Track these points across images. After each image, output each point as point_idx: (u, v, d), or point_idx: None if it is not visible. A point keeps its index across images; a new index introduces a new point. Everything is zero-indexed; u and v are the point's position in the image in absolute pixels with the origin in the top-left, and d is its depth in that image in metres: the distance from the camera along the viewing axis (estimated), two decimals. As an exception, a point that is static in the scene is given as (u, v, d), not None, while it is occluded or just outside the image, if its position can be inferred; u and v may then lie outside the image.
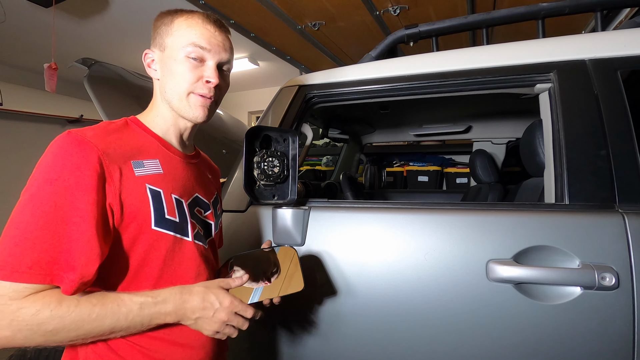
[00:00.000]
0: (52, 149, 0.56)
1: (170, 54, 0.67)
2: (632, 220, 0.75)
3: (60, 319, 0.51)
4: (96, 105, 1.16)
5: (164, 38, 0.68)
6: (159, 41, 0.69)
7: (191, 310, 0.61)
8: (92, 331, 0.54)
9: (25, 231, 0.51)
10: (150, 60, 0.71)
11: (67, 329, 0.52)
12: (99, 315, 0.54)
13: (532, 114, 2.00)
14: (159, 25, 0.69)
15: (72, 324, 0.52)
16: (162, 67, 0.69)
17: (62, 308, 0.52)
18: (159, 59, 0.70)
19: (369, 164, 2.85)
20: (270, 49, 3.24)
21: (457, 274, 0.84)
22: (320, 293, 0.95)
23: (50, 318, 0.51)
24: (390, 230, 0.91)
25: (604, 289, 0.74)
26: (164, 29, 0.69)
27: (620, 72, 0.87)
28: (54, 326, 0.51)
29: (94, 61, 1.28)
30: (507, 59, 0.97)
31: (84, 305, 0.53)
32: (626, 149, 0.81)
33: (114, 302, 0.56)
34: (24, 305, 0.50)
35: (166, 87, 0.69)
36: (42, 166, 0.55)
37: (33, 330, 0.50)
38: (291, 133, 0.94)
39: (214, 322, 0.62)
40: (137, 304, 0.57)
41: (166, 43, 0.68)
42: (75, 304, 0.53)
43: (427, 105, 1.95)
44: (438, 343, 0.85)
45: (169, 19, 0.69)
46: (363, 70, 1.12)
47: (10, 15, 2.84)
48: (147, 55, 0.71)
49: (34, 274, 0.51)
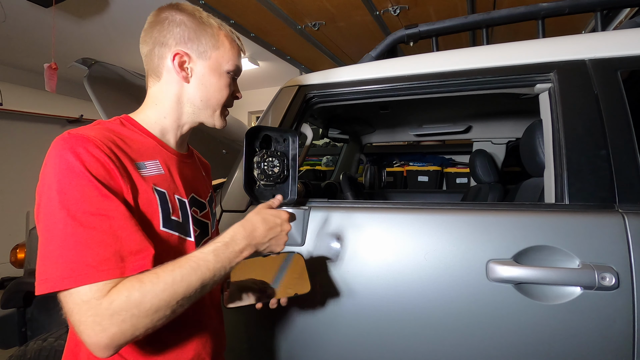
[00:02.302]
0: (59, 152, 0.54)
1: (215, 66, 0.69)
2: (632, 220, 0.75)
3: (152, 292, 0.51)
4: (96, 105, 1.17)
5: (209, 48, 0.69)
6: (201, 48, 0.68)
7: (262, 236, 0.65)
8: (187, 292, 0.54)
9: (76, 236, 0.50)
10: (183, 61, 0.68)
11: (164, 300, 0.52)
12: (184, 276, 0.54)
13: (532, 114, 2.00)
14: (201, 31, 0.68)
15: (164, 293, 0.52)
16: (197, 74, 0.69)
17: (146, 284, 0.52)
18: (197, 65, 0.69)
19: (369, 164, 2.85)
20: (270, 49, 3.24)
21: (457, 274, 0.84)
22: (320, 293, 0.95)
23: (142, 296, 0.51)
24: (390, 230, 0.91)
25: (604, 289, 0.74)
26: (209, 39, 0.69)
27: (620, 72, 0.87)
28: (150, 302, 0.51)
29: (94, 61, 1.28)
30: (507, 59, 0.97)
31: (164, 274, 0.53)
32: (626, 149, 0.81)
33: (188, 261, 0.56)
34: (113, 298, 0.50)
35: (197, 94, 0.70)
36: (56, 171, 0.52)
37: (135, 314, 0.50)
38: (291, 133, 0.94)
39: (283, 236, 0.70)
40: (209, 253, 0.58)
41: (211, 54, 0.69)
42: (155, 276, 0.53)
43: (427, 105, 1.96)
44: (438, 343, 0.85)
45: (213, 30, 0.69)
46: (363, 70, 1.12)
47: (10, 15, 2.84)
48: (181, 56, 0.67)
49: (107, 269, 0.50)
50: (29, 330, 1.55)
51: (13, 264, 1.57)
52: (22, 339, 1.53)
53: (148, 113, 0.71)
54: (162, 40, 0.67)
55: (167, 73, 0.69)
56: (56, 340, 1.21)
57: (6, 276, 3.81)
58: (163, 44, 0.67)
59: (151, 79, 0.71)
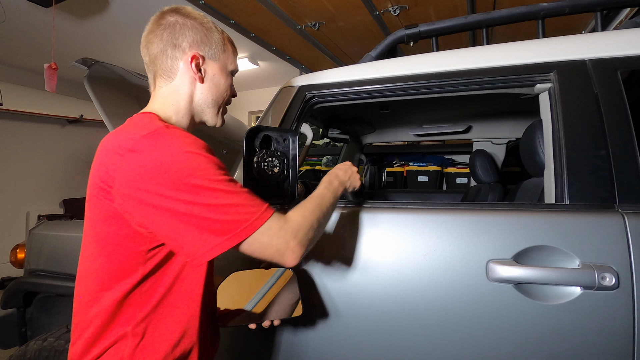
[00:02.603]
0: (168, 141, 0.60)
1: (222, 67, 0.77)
2: (632, 220, 0.75)
3: (307, 213, 0.69)
4: (96, 105, 1.16)
5: (218, 51, 0.75)
6: (212, 51, 0.74)
7: (344, 179, 0.88)
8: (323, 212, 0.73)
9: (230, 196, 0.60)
10: (199, 62, 0.73)
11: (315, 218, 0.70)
12: (319, 201, 0.74)
13: (532, 114, 2.00)
14: (212, 35, 0.74)
15: (314, 214, 0.70)
16: (209, 75, 0.75)
17: (300, 209, 0.70)
18: (209, 67, 0.75)
19: (369, 164, 2.85)
20: (270, 49, 3.24)
21: (457, 274, 0.84)
22: (320, 293, 0.95)
23: (304, 216, 0.68)
24: (390, 230, 0.91)
25: (604, 289, 0.74)
26: (217, 42, 0.75)
27: (620, 72, 0.87)
28: (310, 219, 0.68)
29: (94, 61, 1.28)
30: (507, 59, 0.97)
31: (306, 204, 0.72)
32: (626, 149, 0.81)
33: (315, 195, 0.77)
34: (292, 220, 0.66)
35: (209, 93, 0.76)
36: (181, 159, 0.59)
37: (308, 228, 0.67)
38: (291, 133, 0.94)
39: (355, 174, 0.92)
40: (323, 193, 0.78)
41: (219, 57, 0.76)
42: (299, 208, 0.71)
43: (427, 105, 1.95)
44: (438, 343, 0.85)
45: (219, 35, 0.76)
46: (363, 70, 1.12)
47: (10, 15, 2.84)
48: (197, 59, 0.73)
49: (268, 206, 0.65)
50: (29, 330, 1.55)
51: (13, 264, 1.57)
52: (22, 339, 1.53)
53: (169, 113, 0.74)
54: (174, 43, 0.71)
55: (181, 74, 0.73)
56: (56, 340, 1.21)
57: (6, 276, 3.82)
58: (176, 46, 0.71)
59: (162, 79, 0.74)
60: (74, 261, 1.33)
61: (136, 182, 0.58)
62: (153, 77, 0.75)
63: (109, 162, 0.61)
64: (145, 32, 0.73)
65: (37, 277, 1.41)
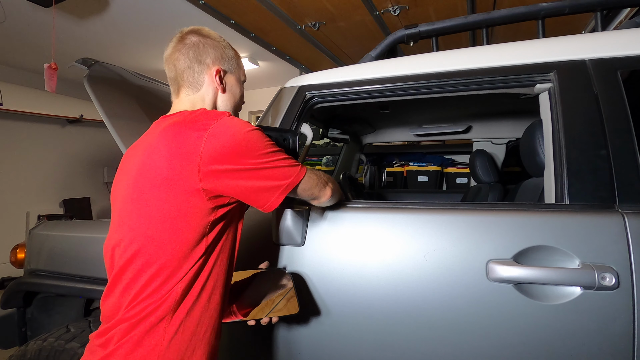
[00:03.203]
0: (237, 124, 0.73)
1: (238, 79, 0.92)
2: (632, 220, 0.75)
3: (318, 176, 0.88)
4: (96, 105, 1.16)
5: (233, 65, 0.90)
6: (229, 65, 0.89)
7: None
8: None
9: (282, 155, 0.78)
10: (222, 74, 0.87)
11: None
12: None
13: (532, 114, 2.00)
14: (228, 52, 0.89)
15: None
16: (229, 86, 0.89)
17: None
18: (228, 79, 0.89)
19: (369, 164, 2.85)
20: (270, 49, 3.25)
21: (457, 274, 0.84)
22: (320, 293, 0.95)
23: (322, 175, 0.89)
24: (390, 230, 0.91)
25: (604, 289, 0.74)
26: (233, 58, 0.90)
27: (620, 72, 0.87)
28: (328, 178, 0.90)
29: (94, 61, 1.28)
30: (507, 59, 0.97)
31: None
32: (626, 149, 0.81)
33: None
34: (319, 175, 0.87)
35: (229, 101, 0.89)
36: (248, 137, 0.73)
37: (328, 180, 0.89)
38: (291, 133, 0.94)
39: None
40: None
41: (234, 70, 0.90)
42: None
43: (427, 105, 1.95)
44: (438, 343, 0.85)
45: (234, 52, 0.91)
46: (363, 70, 1.12)
47: (10, 15, 2.84)
48: (220, 72, 0.86)
49: (302, 165, 0.82)
50: (29, 330, 1.55)
51: (13, 264, 1.57)
52: (22, 339, 1.53)
53: None
54: (200, 59, 0.84)
55: (206, 85, 0.85)
56: (56, 340, 1.21)
57: (6, 276, 3.81)
58: (201, 62, 0.84)
59: (189, 89, 0.85)
60: (73, 261, 1.34)
61: (220, 157, 0.70)
62: (177, 87, 0.86)
63: (189, 144, 0.71)
64: (169, 50, 0.85)
65: (37, 277, 1.41)
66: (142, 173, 0.74)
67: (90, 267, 1.29)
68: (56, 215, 4.46)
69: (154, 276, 0.69)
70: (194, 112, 0.78)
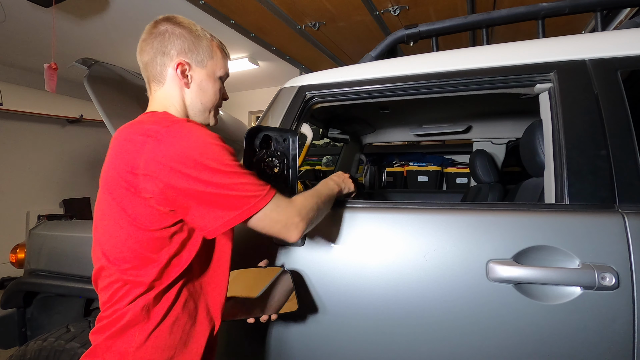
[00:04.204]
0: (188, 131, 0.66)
1: (210, 73, 0.81)
2: (632, 220, 0.75)
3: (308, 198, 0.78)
4: (96, 105, 1.16)
5: (205, 57, 0.79)
6: (199, 58, 0.79)
7: (339, 182, 0.96)
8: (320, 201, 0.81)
9: (241, 177, 0.67)
10: (185, 69, 0.77)
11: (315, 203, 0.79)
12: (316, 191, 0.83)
13: (532, 114, 2.00)
14: (198, 43, 0.78)
15: (313, 199, 0.79)
16: (197, 81, 0.79)
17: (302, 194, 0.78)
18: (196, 73, 0.79)
19: (369, 164, 2.85)
20: (270, 49, 3.25)
21: (457, 274, 0.84)
22: (320, 293, 0.95)
23: (305, 199, 0.76)
24: (390, 230, 0.91)
25: (604, 289, 0.74)
26: (205, 50, 0.79)
27: (620, 72, 0.87)
28: (309, 203, 0.76)
29: (94, 61, 1.28)
30: (507, 59, 0.97)
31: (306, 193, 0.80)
32: (626, 149, 0.81)
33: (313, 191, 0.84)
34: (296, 200, 0.75)
35: (197, 98, 0.80)
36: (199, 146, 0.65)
37: (308, 209, 0.75)
38: (291, 133, 0.94)
39: (348, 181, 1.00)
40: (322, 188, 0.87)
41: (207, 63, 0.80)
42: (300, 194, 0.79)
43: (427, 105, 1.95)
44: (438, 343, 0.85)
45: (207, 42, 0.80)
46: (363, 70, 1.12)
47: (10, 15, 2.84)
48: (183, 65, 0.77)
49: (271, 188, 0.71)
50: (29, 330, 1.55)
51: (13, 264, 1.57)
52: (22, 339, 1.53)
53: (171, 113, 0.78)
54: (163, 50, 0.76)
55: (170, 79, 0.78)
56: (56, 340, 1.21)
57: (6, 276, 3.81)
58: (165, 54, 0.76)
59: (155, 84, 0.79)
60: (73, 261, 1.34)
61: (160, 165, 0.63)
62: (147, 82, 0.81)
63: (132, 149, 0.66)
64: (140, 40, 0.79)
65: (37, 277, 1.41)
66: (102, 180, 0.71)
67: (90, 267, 1.27)
68: (56, 215, 4.47)
69: (119, 288, 0.68)
70: (155, 115, 0.74)
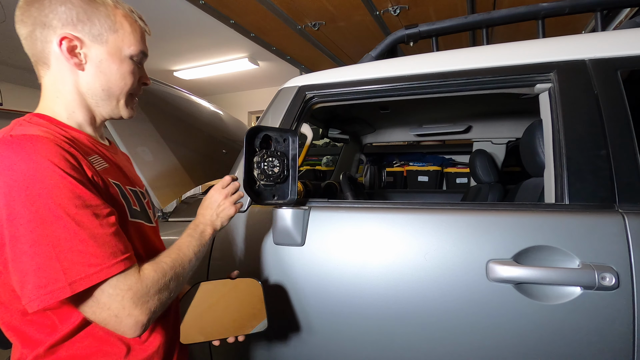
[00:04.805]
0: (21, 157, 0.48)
1: (113, 51, 0.62)
2: (632, 220, 0.75)
3: (165, 270, 0.59)
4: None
5: (104, 30, 0.60)
6: (94, 31, 0.60)
7: (211, 218, 0.76)
8: (184, 267, 0.63)
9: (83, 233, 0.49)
10: (74, 46, 0.59)
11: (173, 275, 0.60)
12: (179, 256, 0.64)
13: (532, 114, 2.00)
14: (92, 11, 0.59)
15: (172, 270, 0.60)
16: (94, 61, 0.61)
17: (159, 264, 0.59)
18: (91, 51, 0.61)
19: (369, 164, 2.85)
20: (270, 49, 3.25)
21: (457, 274, 0.84)
22: (320, 293, 0.95)
23: (155, 274, 0.57)
24: (390, 230, 0.91)
25: (604, 289, 0.74)
26: (104, 20, 0.60)
27: (620, 72, 0.87)
28: (164, 278, 0.58)
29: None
30: (507, 59, 0.97)
31: (165, 258, 0.61)
32: (626, 149, 0.81)
33: (173, 250, 0.65)
34: (147, 278, 0.55)
35: (96, 83, 0.62)
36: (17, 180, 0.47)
37: (160, 288, 0.56)
38: (291, 133, 0.94)
39: (227, 205, 0.78)
40: (187, 241, 0.68)
41: (108, 38, 0.61)
42: (155, 262, 0.59)
43: (427, 105, 1.95)
44: (438, 343, 0.85)
45: (108, 10, 0.61)
46: (363, 70, 1.12)
47: (10, 15, 2.84)
48: (70, 40, 0.58)
49: (125, 257, 0.53)
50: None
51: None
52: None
53: (56, 109, 0.62)
54: (43, 21, 0.57)
55: (55, 60, 0.60)
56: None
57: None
58: (45, 25, 0.57)
59: (40, 67, 0.62)
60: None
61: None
62: (34, 64, 0.62)
63: None
64: (17, 6, 0.59)
65: None
66: None
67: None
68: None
69: None
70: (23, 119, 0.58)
